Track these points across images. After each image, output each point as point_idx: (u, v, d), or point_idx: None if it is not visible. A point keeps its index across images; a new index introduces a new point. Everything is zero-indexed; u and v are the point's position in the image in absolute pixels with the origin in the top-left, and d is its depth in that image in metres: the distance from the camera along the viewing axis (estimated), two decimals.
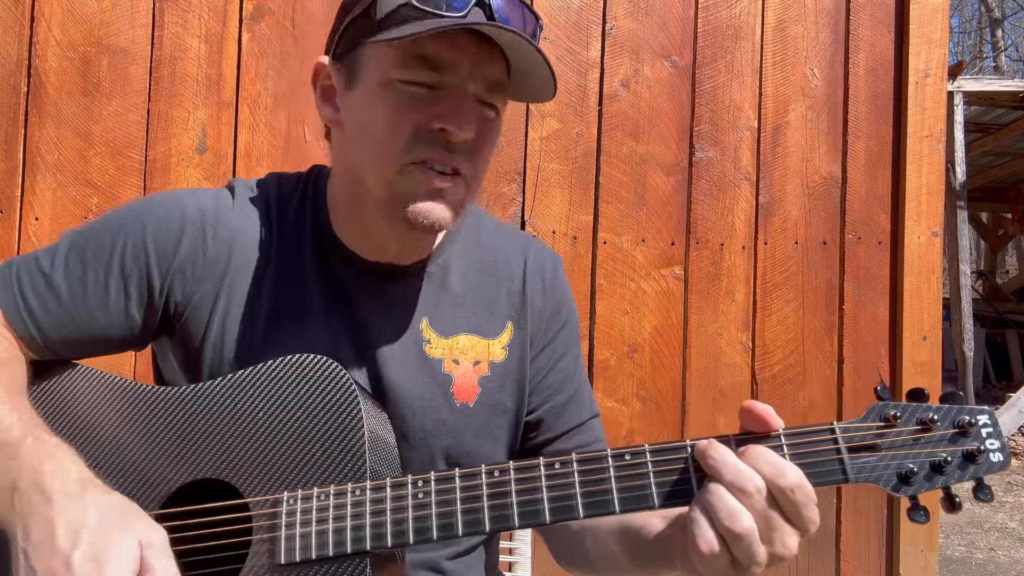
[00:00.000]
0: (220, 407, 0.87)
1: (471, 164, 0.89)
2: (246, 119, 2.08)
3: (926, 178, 2.28)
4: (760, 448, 0.71)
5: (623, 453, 0.75)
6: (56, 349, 0.96)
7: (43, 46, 2.01)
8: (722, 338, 2.24)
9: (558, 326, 1.08)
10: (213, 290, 0.96)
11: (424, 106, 0.86)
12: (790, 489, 0.69)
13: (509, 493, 0.76)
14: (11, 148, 2.00)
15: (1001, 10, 20.38)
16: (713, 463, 0.71)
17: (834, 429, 0.73)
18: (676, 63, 2.25)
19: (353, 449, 0.81)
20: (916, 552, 2.26)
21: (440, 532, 0.76)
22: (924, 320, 2.28)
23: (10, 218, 2.00)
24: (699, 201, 2.24)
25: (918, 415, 0.73)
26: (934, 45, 2.29)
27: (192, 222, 0.97)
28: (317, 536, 0.77)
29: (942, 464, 0.71)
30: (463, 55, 0.84)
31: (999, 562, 4.17)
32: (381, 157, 0.88)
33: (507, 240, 1.10)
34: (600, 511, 0.74)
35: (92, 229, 0.98)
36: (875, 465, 0.72)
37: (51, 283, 0.95)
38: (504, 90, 0.90)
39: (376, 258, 0.99)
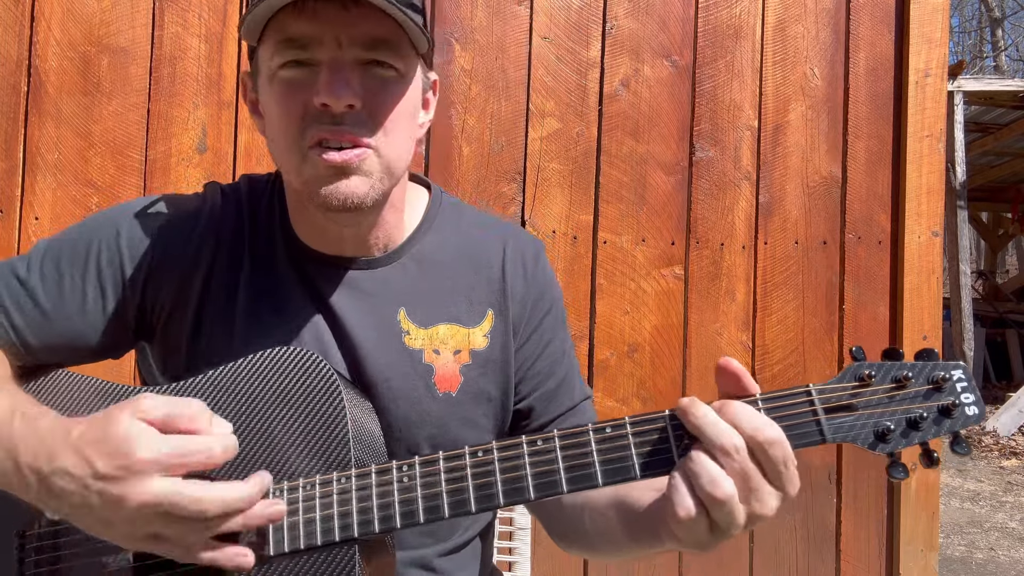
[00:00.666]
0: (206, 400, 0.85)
1: (372, 131, 0.86)
2: (246, 119, 2.08)
3: (926, 178, 2.28)
4: (739, 404, 0.71)
5: (604, 426, 0.76)
6: (37, 355, 0.96)
7: (43, 46, 2.01)
8: (722, 338, 2.24)
9: (542, 312, 1.07)
10: (189, 292, 0.97)
11: (305, 88, 0.85)
12: (769, 443, 0.68)
13: (493, 472, 0.76)
14: (11, 148, 2.00)
15: (1001, 10, 20.38)
16: (695, 419, 0.71)
17: (810, 391, 0.73)
18: (676, 63, 2.25)
19: (337, 439, 0.81)
20: (916, 552, 2.26)
21: (427, 515, 0.76)
22: (924, 320, 2.28)
23: (10, 218, 2.00)
24: (699, 201, 2.24)
25: (892, 373, 0.73)
26: (934, 45, 2.29)
27: (166, 226, 0.98)
28: (305, 525, 0.78)
29: (918, 420, 0.71)
30: (323, 23, 0.83)
31: (999, 562, 4.17)
32: (286, 150, 0.89)
33: (486, 229, 1.08)
34: (583, 484, 0.75)
35: (67, 235, 0.99)
36: (852, 424, 0.72)
37: (28, 288, 0.95)
38: (393, 45, 0.86)
39: (337, 252, 0.99)
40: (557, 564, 2.13)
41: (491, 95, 2.17)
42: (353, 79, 0.84)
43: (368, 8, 0.82)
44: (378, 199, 0.90)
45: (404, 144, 0.91)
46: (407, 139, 0.92)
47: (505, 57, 2.17)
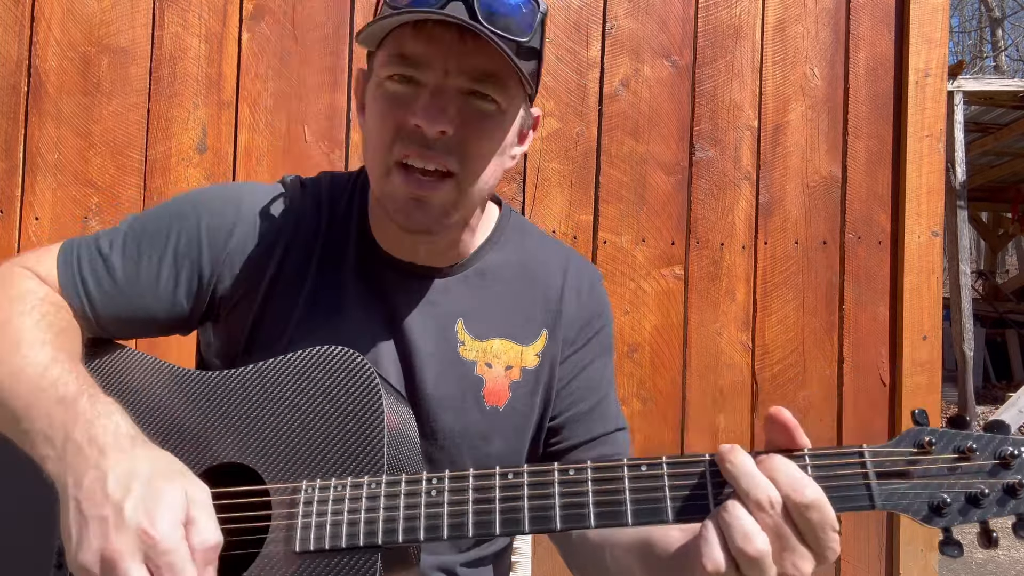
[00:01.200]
0: (247, 393, 0.88)
1: (458, 160, 0.88)
2: (246, 119, 2.08)
3: (926, 178, 2.28)
4: (780, 459, 0.68)
5: (639, 464, 0.73)
6: (107, 327, 1.00)
7: (43, 46, 2.01)
8: (722, 338, 2.24)
9: (589, 335, 1.08)
10: (259, 283, 1.00)
11: (405, 104, 0.87)
12: (806, 506, 0.65)
13: (522, 497, 0.75)
14: (11, 148, 2.00)
15: (1001, 10, 20.38)
16: (731, 467, 0.68)
17: (863, 452, 0.69)
18: (676, 63, 2.25)
19: (372, 442, 0.82)
20: (916, 552, 2.26)
21: (451, 531, 0.76)
22: (924, 320, 2.28)
23: (10, 218, 2.00)
24: (699, 201, 2.24)
25: (956, 443, 0.68)
26: (934, 45, 2.29)
27: (245, 216, 1.01)
28: (332, 527, 0.78)
29: (979, 496, 0.66)
30: (437, 48, 0.85)
31: (999, 562, 4.17)
32: (374, 157, 0.91)
33: (548, 251, 1.11)
34: (612, 522, 0.72)
35: (151, 215, 1.03)
36: (905, 493, 0.67)
37: (108, 264, 0.99)
38: (499, 81, 0.87)
39: (409, 258, 1.01)
40: (558, 564, 2.13)
41: None
42: (451, 107, 0.86)
43: (483, 41, 0.83)
44: (451, 225, 0.93)
45: (489, 176, 0.94)
46: (493, 171, 0.94)
47: None
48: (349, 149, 2.12)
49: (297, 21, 2.10)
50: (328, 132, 2.11)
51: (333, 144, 2.11)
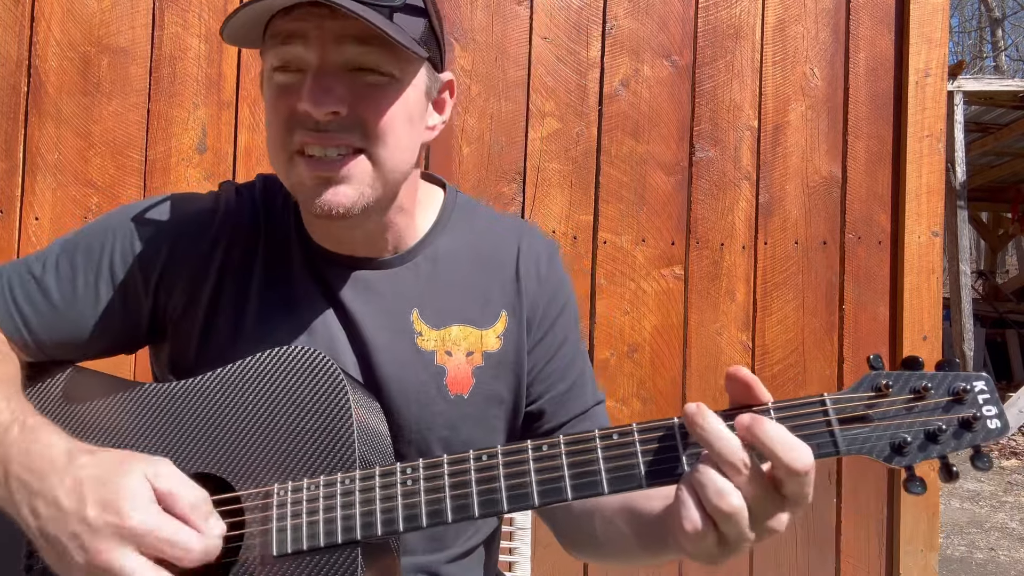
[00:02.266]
0: (209, 402, 0.86)
1: (362, 136, 0.85)
2: (246, 119, 2.08)
3: (926, 178, 2.28)
4: (746, 415, 0.68)
5: (611, 433, 0.73)
6: (49, 351, 0.98)
7: (43, 46, 2.01)
8: (722, 338, 2.24)
9: (555, 313, 1.06)
10: (202, 291, 0.97)
11: (292, 92, 0.84)
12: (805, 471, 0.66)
13: (497, 478, 0.75)
14: (11, 148, 2.00)
15: (1001, 10, 20.38)
16: (702, 432, 0.67)
17: (824, 401, 0.70)
18: (676, 63, 2.25)
19: (342, 439, 0.81)
20: (916, 552, 2.26)
21: (429, 519, 0.75)
22: (924, 320, 2.28)
23: (10, 218, 2.00)
24: (699, 201, 2.24)
25: (911, 383, 0.70)
26: (934, 45, 2.29)
27: (178, 225, 0.98)
28: (308, 527, 0.77)
29: (937, 432, 0.68)
30: (309, 24, 0.82)
31: (999, 562, 4.17)
32: (275, 153, 0.90)
33: (500, 228, 1.07)
34: (588, 492, 0.73)
35: (81, 233, 1.00)
36: (867, 436, 0.69)
37: (43, 286, 0.96)
38: (384, 45, 0.83)
39: (349, 252, 0.98)
40: (557, 564, 2.13)
41: (491, 95, 2.17)
42: (338, 86, 0.83)
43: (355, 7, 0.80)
44: (369, 205, 0.88)
45: (402, 149, 0.89)
46: (406, 143, 0.90)
47: (505, 57, 2.17)
48: None
49: None
50: None
51: None
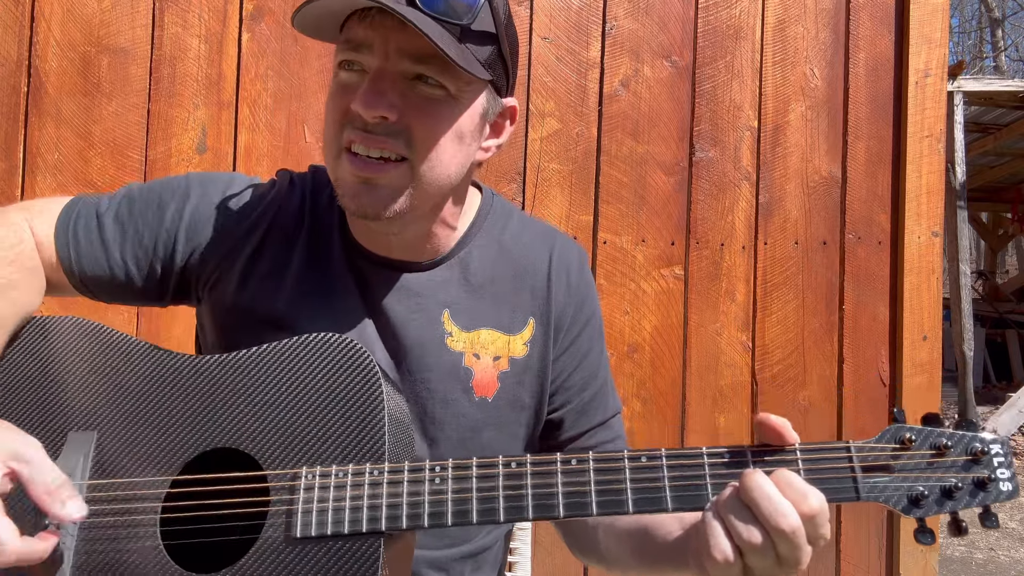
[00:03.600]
0: (241, 379, 0.88)
1: (406, 144, 0.88)
2: (246, 119, 2.08)
3: (926, 178, 2.28)
4: (787, 475, 0.72)
5: (639, 456, 0.77)
6: (89, 285, 1.03)
7: (43, 46, 2.01)
8: (722, 338, 2.24)
9: (582, 322, 1.08)
10: (234, 262, 1.01)
11: (350, 91, 0.88)
12: (811, 515, 0.70)
13: (525, 486, 0.77)
14: (11, 148, 2.00)
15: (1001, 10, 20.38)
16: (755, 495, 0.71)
17: (849, 448, 0.74)
18: (676, 63, 2.25)
19: (373, 429, 0.82)
20: (916, 552, 2.26)
21: (455, 519, 0.77)
22: (924, 320, 2.28)
23: None
24: (699, 201, 2.24)
25: (932, 440, 0.74)
26: (934, 45, 2.29)
27: (232, 201, 1.04)
28: (333, 513, 0.79)
29: (953, 490, 0.73)
30: (378, 32, 0.85)
31: (999, 562, 4.17)
32: (326, 147, 0.92)
33: (533, 235, 1.09)
34: (613, 510, 0.76)
35: (149, 186, 1.07)
36: (887, 486, 0.73)
37: (101, 223, 1.02)
38: (445, 63, 0.85)
39: (385, 253, 1.01)
40: (557, 564, 2.13)
41: None
42: (391, 92, 0.86)
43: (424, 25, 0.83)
44: (403, 213, 0.91)
45: (444, 164, 0.91)
46: (449, 159, 0.91)
47: None
48: None
49: None
50: None
51: None
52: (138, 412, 0.88)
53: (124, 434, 0.87)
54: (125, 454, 0.86)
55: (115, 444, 0.87)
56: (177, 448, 0.86)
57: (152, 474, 0.85)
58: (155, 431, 0.87)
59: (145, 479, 0.84)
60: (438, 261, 1.03)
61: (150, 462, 0.85)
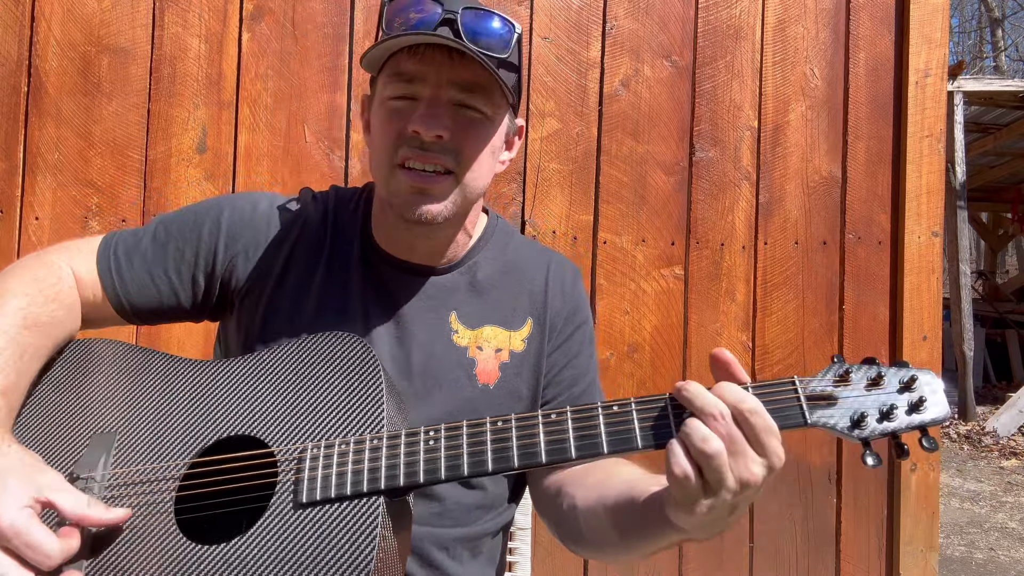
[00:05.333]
0: (252, 376, 0.97)
1: (455, 160, 1.01)
2: (246, 119, 2.08)
3: (926, 178, 2.28)
4: (726, 383, 0.81)
5: (611, 404, 0.85)
6: (134, 305, 1.12)
7: (43, 46, 2.01)
8: (722, 338, 2.24)
9: (574, 326, 1.20)
10: (268, 276, 1.12)
11: (404, 116, 1.01)
12: (750, 411, 0.77)
13: (510, 438, 0.85)
14: (11, 148, 2.00)
15: (1001, 10, 20.38)
16: (687, 394, 0.81)
17: (794, 381, 0.83)
18: (676, 63, 2.25)
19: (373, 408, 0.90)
20: (916, 552, 2.26)
21: (448, 472, 0.84)
22: (924, 320, 2.28)
23: (10, 218, 2.00)
24: (699, 201, 2.24)
25: (868, 373, 0.84)
26: (934, 45, 2.29)
27: (262, 214, 1.15)
28: (337, 477, 0.85)
29: (890, 411, 0.80)
30: (430, 66, 0.99)
31: (999, 562, 4.17)
32: (380, 164, 1.04)
33: (533, 251, 1.24)
34: (590, 452, 0.84)
35: (181, 210, 1.18)
36: (831, 413, 0.82)
37: (139, 246, 1.13)
38: (485, 92, 1.01)
39: (407, 257, 1.13)
40: (557, 564, 2.13)
41: None
42: (445, 115, 1.00)
43: (469, 60, 0.98)
44: (449, 218, 1.04)
45: (481, 176, 1.06)
46: (484, 172, 1.07)
47: None
48: (349, 149, 2.12)
49: (297, 21, 2.10)
50: (328, 132, 2.11)
51: (333, 144, 2.11)
52: (155, 413, 0.97)
53: (142, 431, 0.96)
54: (143, 447, 0.94)
55: (134, 440, 0.95)
56: (191, 438, 0.94)
57: (168, 462, 0.92)
58: (170, 427, 0.95)
59: (160, 465, 0.92)
60: (451, 267, 1.15)
61: (166, 452, 0.93)
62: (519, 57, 1.07)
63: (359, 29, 2.12)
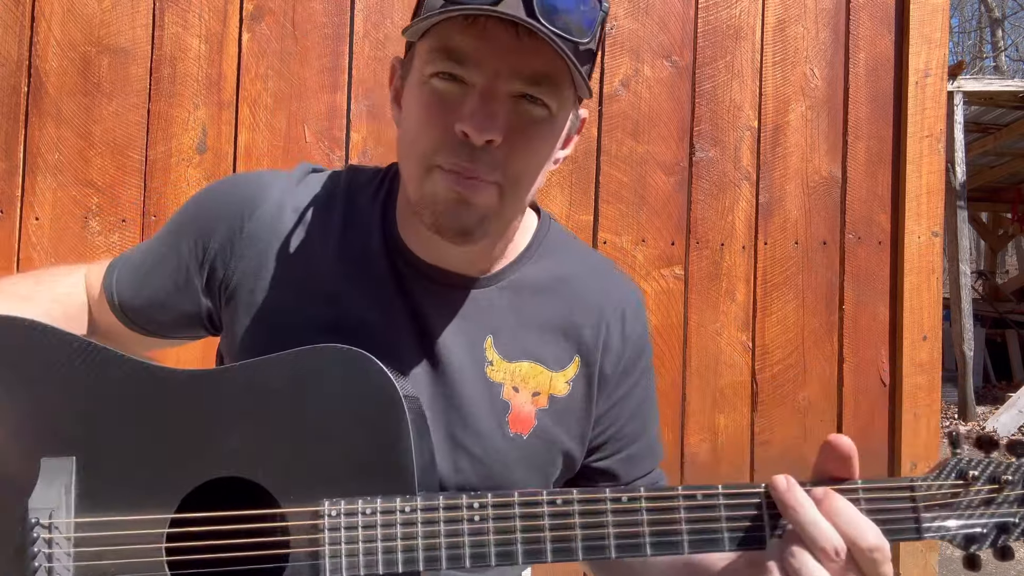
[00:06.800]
0: (243, 395, 0.78)
1: (504, 169, 0.81)
2: (246, 119, 2.08)
3: (926, 178, 2.28)
4: (840, 501, 0.70)
5: (695, 493, 0.73)
6: (130, 313, 1.02)
7: (43, 46, 2.01)
8: (722, 338, 2.24)
9: (637, 373, 1.02)
10: (253, 268, 0.94)
11: (451, 107, 0.79)
12: (871, 550, 0.67)
13: (573, 525, 0.73)
14: (11, 148, 2.00)
15: (1001, 10, 20.39)
16: (794, 514, 0.69)
17: (913, 487, 0.73)
18: (676, 63, 2.25)
19: (396, 450, 0.76)
20: (916, 552, 2.26)
21: (499, 560, 0.73)
22: (924, 320, 2.28)
23: (10, 218, 2.00)
24: (699, 201, 2.24)
25: (992, 472, 0.74)
26: (934, 45, 2.29)
27: (238, 203, 0.96)
28: (365, 555, 0.74)
29: (1010, 526, 0.74)
30: (490, 46, 0.77)
31: (999, 562, 4.16)
32: (412, 157, 0.84)
33: (589, 268, 1.03)
34: (668, 551, 0.73)
35: (178, 211, 1.05)
36: (947, 525, 0.73)
37: (136, 253, 1.05)
38: (554, 84, 0.80)
39: (436, 263, 0.94)
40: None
41: None
42: (502, 113, 0.78)
43: (539, 42, 0.75)
44: (488, 232, 0.86)
45: (530, 187, 0.87)
46: (535, 182, 0.87)
47: None
48: (349, 149, 2.12)
49: (297, 21, 2.10)
50: (328, 132, 2.11)
51: (333, 144, 2.11)
52: (122, 433, 0.77)
53: (109, 460, 0.76)
54: (113, 484, 0.76)
55: (99, 472, 0.76)
56: (174, 476, 0.76)
57: (150, 506, 0.76)
58: (146, 456, 0.77)
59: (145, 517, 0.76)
60: (489, 279, 0.96)
61: (146, 492, 0.76)
62: (599, 43, 0.85)
63: (359, 29, 2.12)
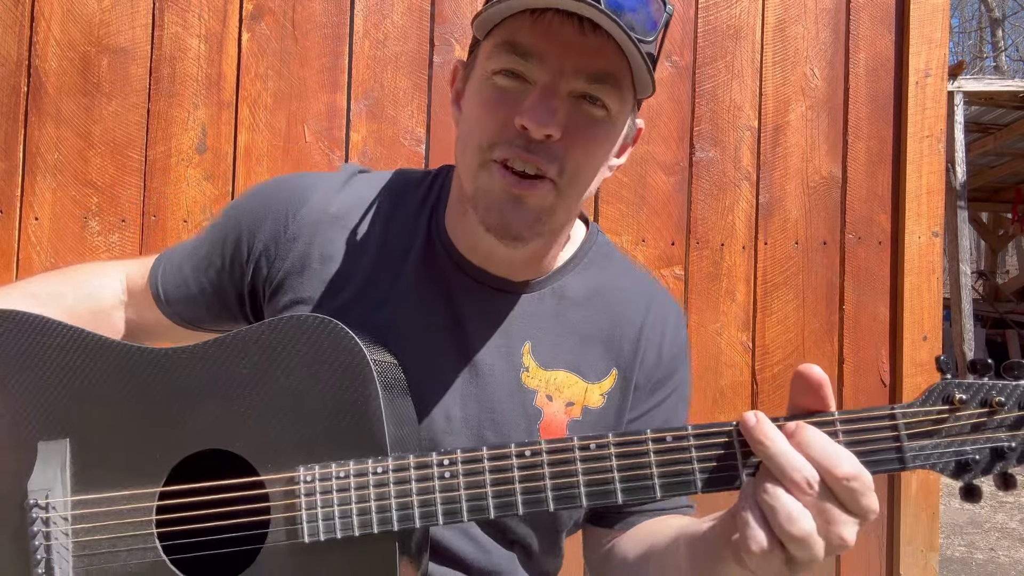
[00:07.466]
0: (219, 370, 0.81)
1: (559, 168, 0.82)
2: (246, 119, 2.08)
3: (926, 178, 2.28)
4: (811, 431, 0.66)
5: (663, 435, 0.70)
6: (176, 307, 1.03)
7: (43, 46, 2.01)
8: (722, 338, 2.24)
9: (670, 388, 1.01)
10: (297, 267, 0.95)
11: (511, 102, 0.80)
12: (848, 478, 0.64)
13: (543, 476, 0.72)
14: (11, 148, 2.00)
15: (1001, 10, 20.39)
16: (762, 447, 0.65)
17: (894, 414, 0.68)
18: (676, 63, 2.25)
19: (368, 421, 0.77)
20: (916, 552, 2.26)
21: (471, 514, 0.73)
22: (924, 320, 2.27)
23: (10, 218, 2.00)
24: (699, 201, 2.24)
25: (982, 395, 0.68)
26: (934, 45, 2.29)
27: (283, 202, 0.98)
28: (341, 516, 0.75)
29: (1005, 451, 0.67)
30: (554, 43, 0.78)
31: (999, 562, 4.16)
32: (470, 152, 0.85)
33: (632, 282, 1.02)
34: (640, 496, 0.70)
35: (226, 206, 1.07)
36: (932, 452, 0.67)
37: (183, 247, 1.05)
38: (616, 84, 0.81)
39: (482, 264, 0.94)
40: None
41: None
42: (561, 110, 0.79)
43: (604, 40, 0.77)
44: (541, 233, 0.86)
45: (588, 184, 0.87)
46: (592, 181, 0.87)
47: None
48: (349, 149, 2.12)
49: (297, 21, 2.10)
50: (328, 132, 2.11)
51: (333, 144, 2.11)
52: (111, 413, 0.82)
53: (99, 440, 0.81)
54: (105, 463, 0.81)
55: (91, 452, 0.81)
56: (161, 451, 0.80)
57: (138, 482, 0.80)
58: (134, 433, 0.81)
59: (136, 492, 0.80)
60: (532, 285, 0.96)
61: (135, 468, 0.80)
62: (660, 45, 0.86)
63: (359, 29, 2.12)
